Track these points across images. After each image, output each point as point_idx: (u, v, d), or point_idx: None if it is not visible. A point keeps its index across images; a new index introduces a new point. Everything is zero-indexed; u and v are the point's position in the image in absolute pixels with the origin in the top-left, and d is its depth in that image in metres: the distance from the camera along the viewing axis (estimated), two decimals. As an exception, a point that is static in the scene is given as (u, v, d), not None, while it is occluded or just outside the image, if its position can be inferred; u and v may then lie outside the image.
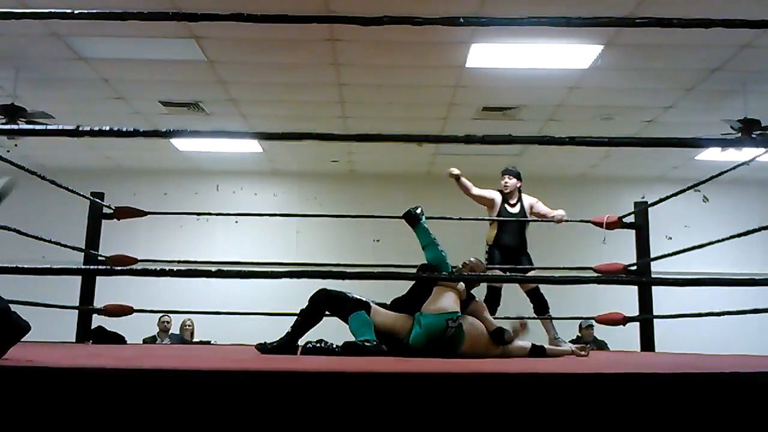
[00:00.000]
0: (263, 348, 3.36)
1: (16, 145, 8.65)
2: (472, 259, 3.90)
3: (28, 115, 7.15)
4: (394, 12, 2.38)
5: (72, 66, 6.77)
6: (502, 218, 5.68)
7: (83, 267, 4.34)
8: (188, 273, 2.19)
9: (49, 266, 2.17)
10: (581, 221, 5.50)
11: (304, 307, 3.51)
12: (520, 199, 5.77)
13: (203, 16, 2.38)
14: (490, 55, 6.40)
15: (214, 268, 2.13)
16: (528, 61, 6.52)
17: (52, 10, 2.30)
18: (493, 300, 5.43)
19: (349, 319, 3.36)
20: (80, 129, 2.19)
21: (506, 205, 5.70)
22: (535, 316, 5.42)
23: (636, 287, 5.18)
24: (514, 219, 5.66)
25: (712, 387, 1.64)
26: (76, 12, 2.28)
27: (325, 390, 1.52)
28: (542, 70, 6.71)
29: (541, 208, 5.86)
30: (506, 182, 5.71)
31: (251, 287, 8.16)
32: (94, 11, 2.30)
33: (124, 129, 2.18)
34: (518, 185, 5.76)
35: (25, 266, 2.14)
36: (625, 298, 5.46)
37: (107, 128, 2.15)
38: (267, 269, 2.23)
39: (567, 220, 5.61)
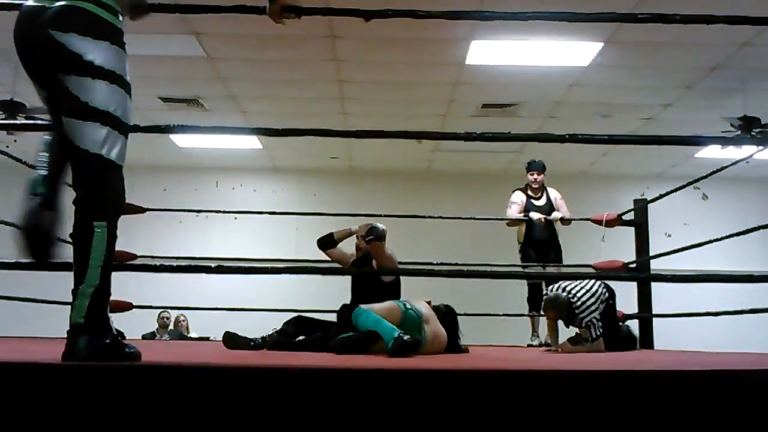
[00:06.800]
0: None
1: (15, 141, 8.63)
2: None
3: (27, 110, 7.13)
4: (394, 7, 2.38)
5: (71, 61, 6.74)
6: (505, 218, 5.74)
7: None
8: (188, 268, 2.19)
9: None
10: (580, 219, 5.50)
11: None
12: (544, 191, 5.83)
13: (203, 8, 2.37)
14: (490, 52, 6.38)
15: (213, 265, 2.13)
16: (528, 58, 6.50)
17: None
18: (536, 296, 5.46)
19: (354, 316, 3.30)
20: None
21: (532, 200, 5.75)
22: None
23: (635, 286, 5.17)
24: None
25: (711, 385, 1.63)
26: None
27: (323, 389, 1.52)
28: (542, 68, 6.69)
29: (561, 205, 5.92)
30: (535, 178, 5.83)
31: (250, 284, 8.12)
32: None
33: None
34: (544, 179, 5.87)
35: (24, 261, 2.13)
36: (624, 296, 5.45)
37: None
38: (266, 265, 2.23)
39: (570, 219, 5.66)
